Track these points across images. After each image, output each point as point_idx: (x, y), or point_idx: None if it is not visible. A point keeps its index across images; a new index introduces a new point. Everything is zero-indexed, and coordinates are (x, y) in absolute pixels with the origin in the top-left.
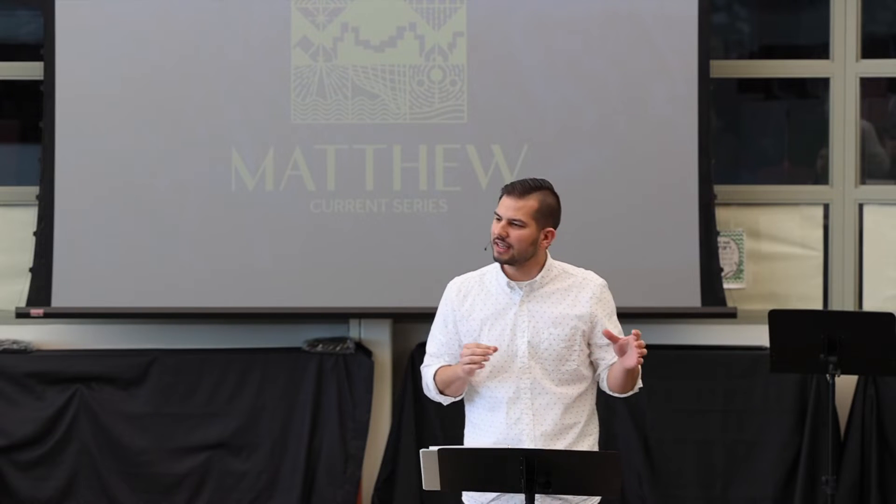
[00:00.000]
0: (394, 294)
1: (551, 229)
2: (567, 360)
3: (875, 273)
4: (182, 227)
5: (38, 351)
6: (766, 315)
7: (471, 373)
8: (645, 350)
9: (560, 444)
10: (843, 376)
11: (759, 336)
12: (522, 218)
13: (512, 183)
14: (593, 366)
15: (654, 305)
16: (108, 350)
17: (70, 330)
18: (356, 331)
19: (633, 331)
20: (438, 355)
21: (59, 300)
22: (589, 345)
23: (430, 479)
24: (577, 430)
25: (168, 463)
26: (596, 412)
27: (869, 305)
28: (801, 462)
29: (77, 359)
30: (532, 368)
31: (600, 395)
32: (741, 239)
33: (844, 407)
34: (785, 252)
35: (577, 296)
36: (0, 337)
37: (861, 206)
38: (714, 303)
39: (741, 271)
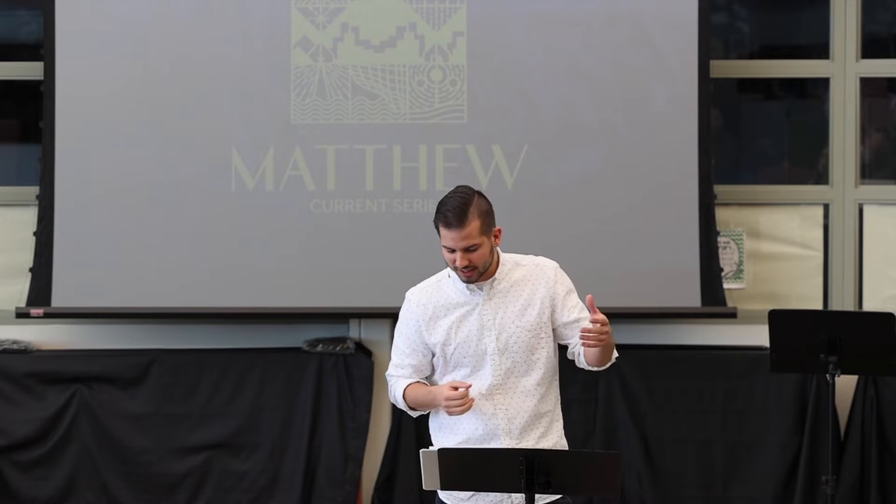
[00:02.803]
0: (394, 294)
1: (497, 228)
2: (536, 349)
3: (875, 273)
4: (182, 227)
5: (38, 351)
6: (766, 315)
7: (455, 414)
8: (603, 337)
9: (534, 435)
10: (843, 376)
11: (759, 336)
12: (475, 242)
13: (444, 214)
14: (558, 350)
15: (654, 305)
16: (108, 350)
17: (70, 330)
18: (356, 331)
19: (588, 297)
20: (402, 366)
21: (59, 300)
22: (555, 329)
23: (430, 479)
24: (548, 417)
25: (168, 463)
26: (560, 399)
27: (869, 305)
28: (801, 462)
29: (77, 359)
30: (502, 364)
31: (600, 394)
32: (741, 239)
33: (844, 407)
34: (785, 252)
35: (535, 283)
36: (0, 337)
37: (861, 206)
38: (714, 303)
39: (741, 271)
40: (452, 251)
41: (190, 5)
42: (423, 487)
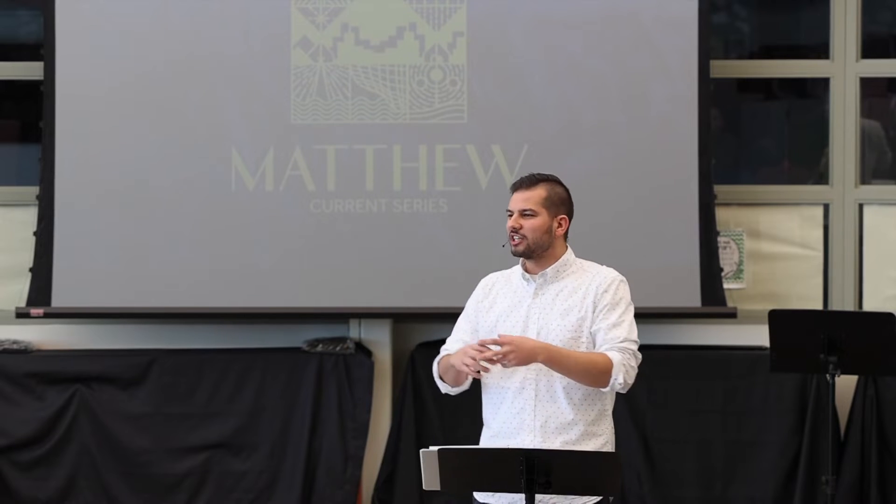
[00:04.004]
0: (394, 294)
1: (564, 216)
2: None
3: (875, 273)
4: (182, 227)
5: (38, 351)
6: (766, 315)
7: (463, 371)
8: (508, 357)
9: (561, 439)
10: (843, 376)
11: (759, 336)
12: (532, 207)
13: (519, 178)
14: None
15: (654, 305)
16: (108, 350)
17: (70, 330)
18: (356, 331)
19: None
20: (454, 341)
21: (59, 300)
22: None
23: (430, 479)
24: (580, 427)
25: (168, 463)
26: (609, 416)
27: (869, 305)
28: (801, 462)
29: (77, 359)
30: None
31: None
32: (741, 239)
33: (844, 407)
34: (785, 252)
35: (587, 287)
36: (0, 337)
37: (861, 206)
38: (714, 303)
39: (741, 271)
40: (511, 214)
41: (190, 5)
42: (424, 487)
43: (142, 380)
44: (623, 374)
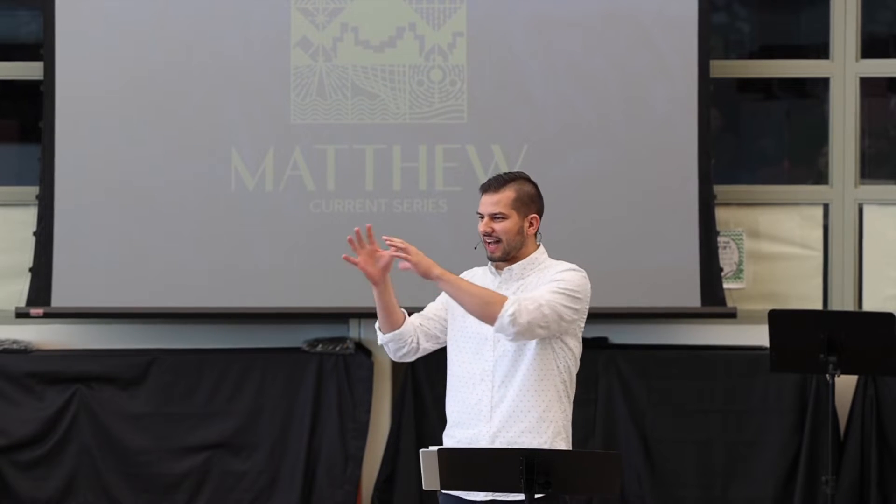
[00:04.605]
0: (394, 294)
1: (535, 215)
2: (530, 340)
3: (875, 273)
4: (182, 227)
5: (38, 351)
6: (766, 315)
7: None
8: (397, 249)
9: (516, 428)
10: (843, 376)
11: (759, 336)
12: (503, 210)
13: (487, 181)
14: (570, 355)
15: (654, 305)
16: (108, 350)
17: (70, 330)
18: (356, 331)
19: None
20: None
21: (59, 300)
22: None
23: (430, 479)
24: (536, 414)
25: (168, 463)
26: (564, 402)
27: (869, 305)
28: (801, 462)
29: (77, 359)
30: (497, 350)
31: (600, 394)
32: (741, 239)
33: (844, 407)
34: (785, 252)
35: (542, 280)
36: (0, 337)
37: (861, 206)
38: (714, 303)
39: (741, 271)
40: (482, 218)
41: (190, 5)
42: (423, 487)
43: (142, 380)
44: (515, 308)
